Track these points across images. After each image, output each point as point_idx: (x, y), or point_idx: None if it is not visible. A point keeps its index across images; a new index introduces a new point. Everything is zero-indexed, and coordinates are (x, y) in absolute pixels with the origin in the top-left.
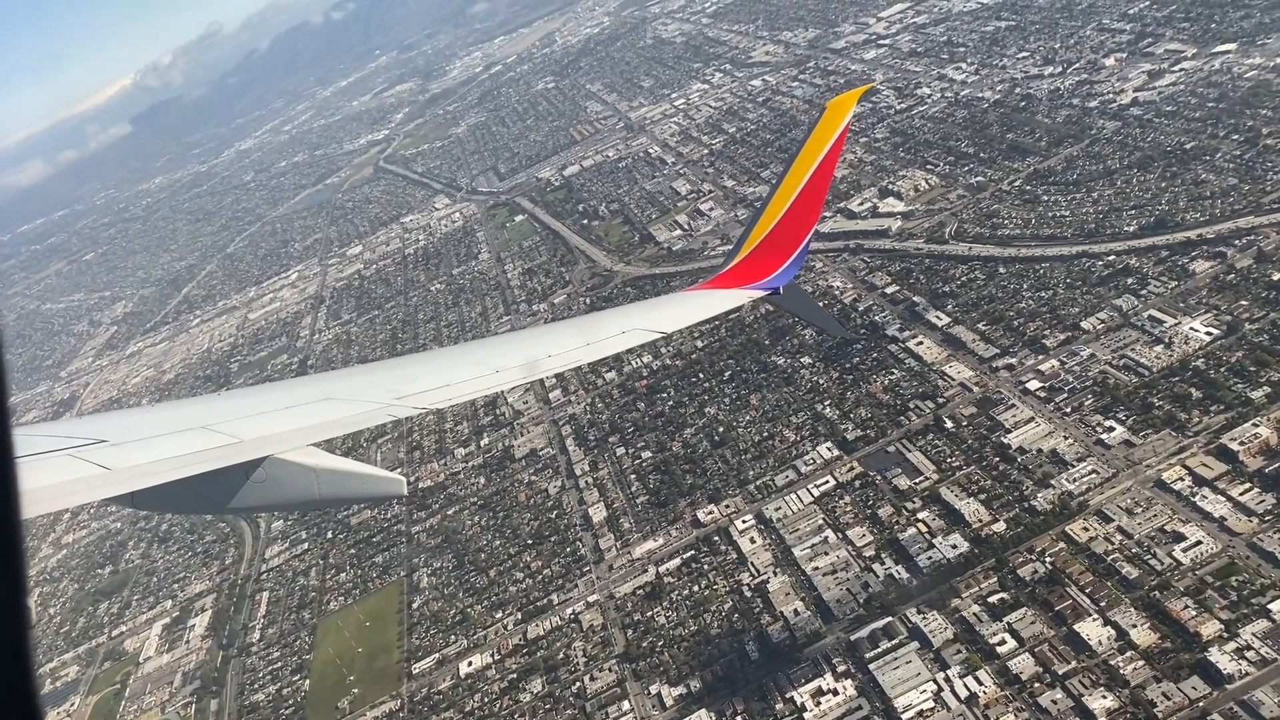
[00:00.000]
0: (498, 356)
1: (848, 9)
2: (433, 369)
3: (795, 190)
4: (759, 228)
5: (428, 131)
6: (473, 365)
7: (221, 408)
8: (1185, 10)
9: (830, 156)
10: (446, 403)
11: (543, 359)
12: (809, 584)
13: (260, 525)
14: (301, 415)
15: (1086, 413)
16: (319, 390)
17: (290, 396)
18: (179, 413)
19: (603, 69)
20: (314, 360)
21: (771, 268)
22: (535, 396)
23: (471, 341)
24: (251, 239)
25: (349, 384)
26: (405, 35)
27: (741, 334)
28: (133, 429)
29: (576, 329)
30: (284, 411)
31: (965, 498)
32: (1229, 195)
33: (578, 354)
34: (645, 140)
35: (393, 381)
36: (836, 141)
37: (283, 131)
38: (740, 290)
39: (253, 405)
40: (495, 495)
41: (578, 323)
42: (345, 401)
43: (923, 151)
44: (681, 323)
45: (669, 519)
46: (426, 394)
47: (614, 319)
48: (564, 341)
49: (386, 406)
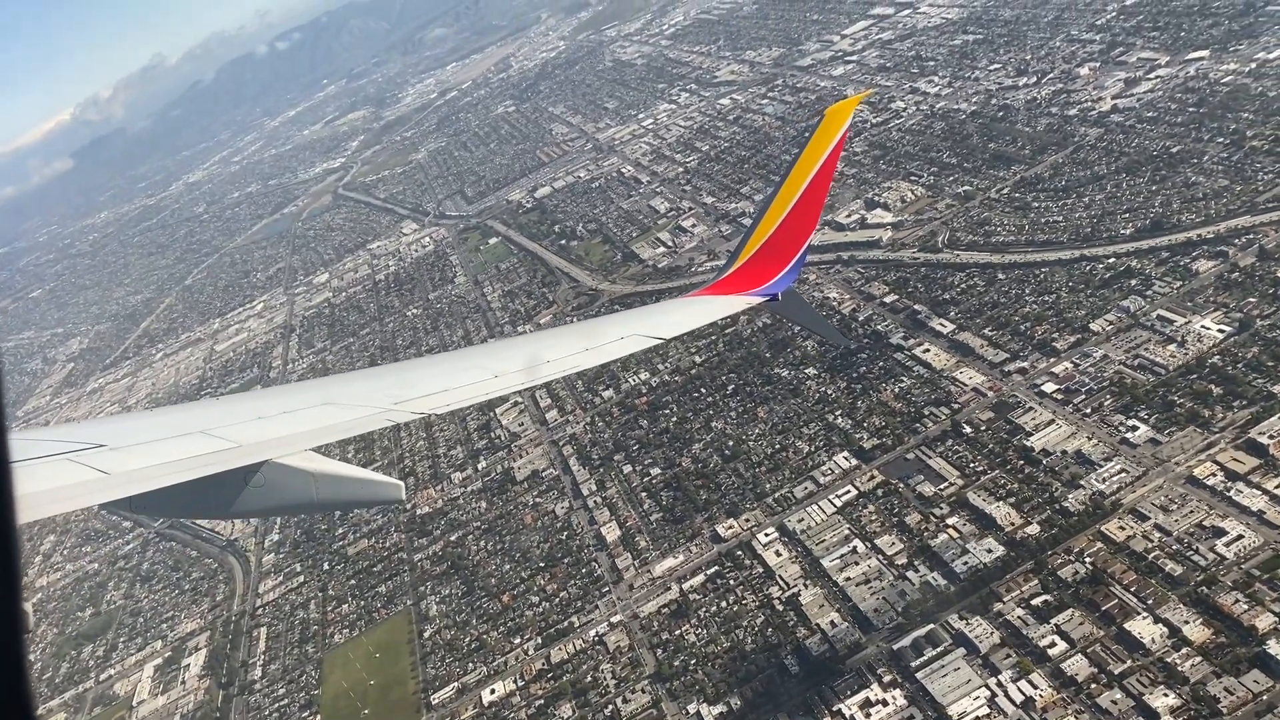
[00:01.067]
0: (496, 361)
1: (810, 28)
2: (431, 374)
3: (793, 197)
4: (757, 234)
5: (386, 158)
6: (471, 370)
7: (220, 412)
8: (1153, 20)
9: (828, 163)
10: (445, 408)
11: (542, 363)
12: (843, 595)
13: (250, 560)
14: (300, 420)
15: (1107, 413)
16: (317, 395)
17: (289, 401)
18: (177, 417)
19: (564, 91)
20: None
21: (769, 274)
22: (531, 418)
23: (469, 347)
24: (210, 270)
25: (347, 389)
26: (353, 64)
27: (740, 348)
28: (131, 433)
29: (575, 334)
30: (282, 416)
31: (994, 502)
32: (1222, 196)
33: (576, 359)
34: (617, 160)
35: (391, 386)
36: (835, 148)
37: (232, 163)
38: (739, 297)
39: (251, 410)
40: (499, 519)
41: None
42: (344, 406)
43: (904, 163)
44: (680, 328)
45: (687, 535)
46: (425, 399)
47: (612, 324)
48: (563, 346)
49: (385, 411)
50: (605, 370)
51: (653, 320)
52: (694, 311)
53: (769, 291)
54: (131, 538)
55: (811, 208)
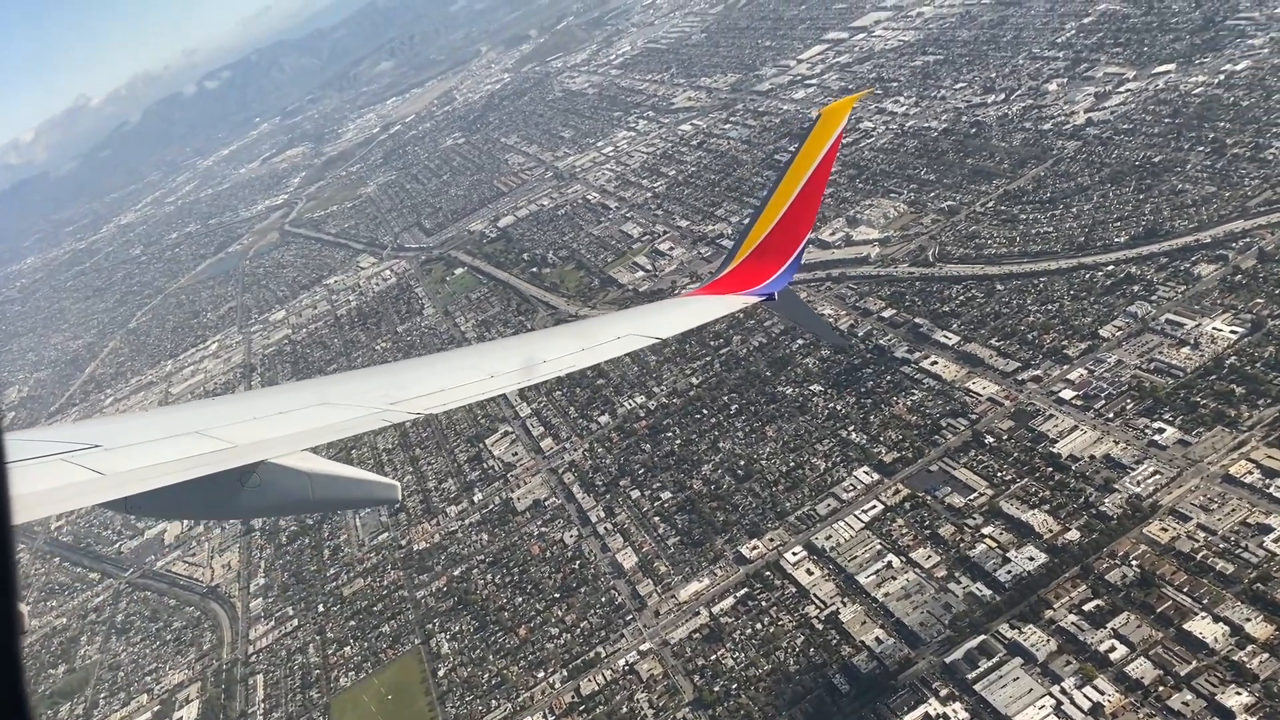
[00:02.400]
0: (492, 361)
1: (763, 54)
2: (427, 374)
3: (790, 196)
4: (754, 234)
5: (333, 193)
6: (467, 370)
7: (215, 413)
8: (1113, 37)
9: (825, 163)
10: (441, 408)
11: (538, 363)
12: (884, 610)
13: (236, 605)
14: (296, 420)
15: (1130, 416)
16: (313, 395)
17: (284, 402)
18: (173, 418)
19: (515, 122)
20: None
21: (766, 273)
22: (524, 447)
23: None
24: (155, 312)
25: (343, 389)
26: (286, 102)
27: (738, 367)
28: (127, 434)
29: (571, 333)
30: (278, 416)
31: (1028, 510)
32: (1211, 202)
33: (573, 358)
34: (580, 188)
35: (387, 387)
36: (831, 148)
37: (166, 203)
38: (735, 296)
39: (247, 410)
40: (504, 551)
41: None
42: (339, 406)
43: (881, 181)
44: (677, 328)
45: (709, 558)
46: (421, 399)
47: (609, 324)
48: (559, 346)
49: (381, 411)
50: (598, 395)
51: (649, 320)
52: (691, 311)
53: (766, 291)
54: (101, 589)
55: (808, 207)
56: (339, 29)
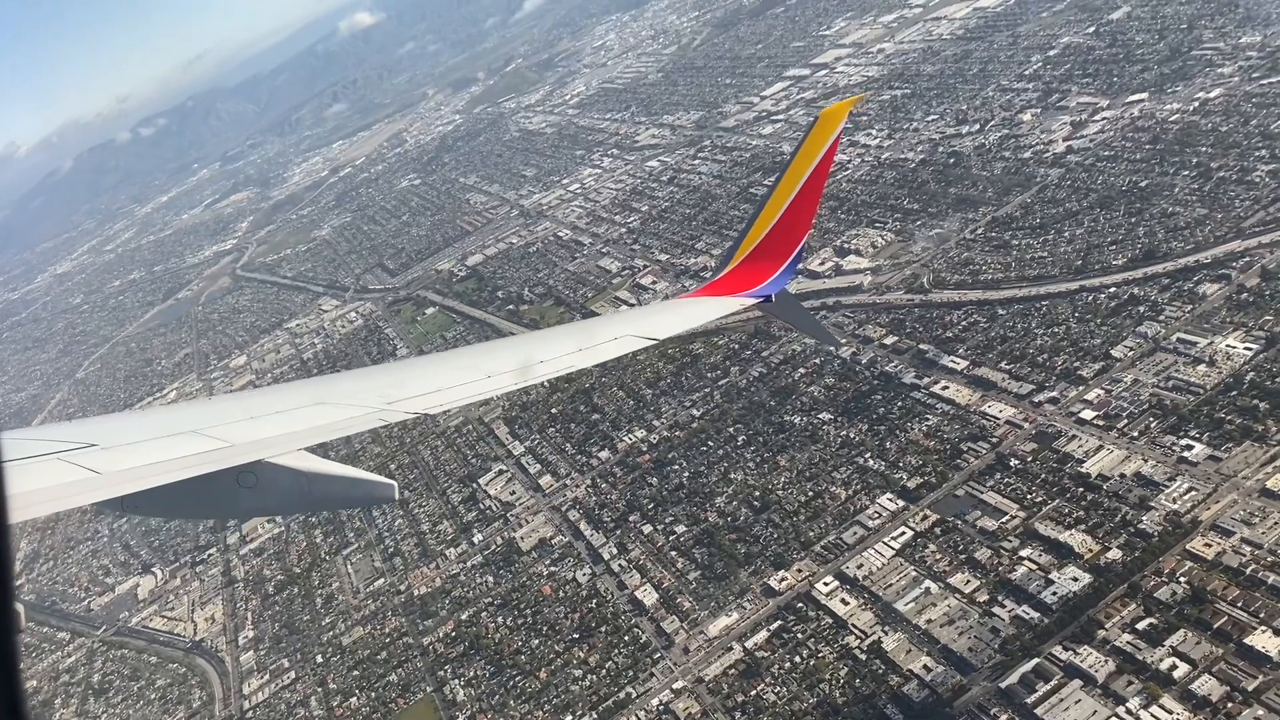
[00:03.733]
0: (489, 361)
1: (724, 91)
2: (423, 374)
3: (788, 199)
4: (751, 236)
5: (285, 237)
6: (464, 370)
7: (212, 412)
8: (1081, 68)
9: (822, 165)
10: (438, 408)
11: (535, 364)
12: (928, 637)
13: (225, 659)
14: (292, 420)
15: (1155, 434)
16: (310, 395)
17: (281, 401)
18: (169, 417)
19: (473, 162)
20: None
21: (764, 275)
22: (522, 485)
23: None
24: (104, 361)
25: (340, 389)
26: (225, 147)
27: (740, 398)
28: (123, 433)
29: (569, 334)
30: (275, 416)
31: (1065, 530)
32: (1204, 224)
33: (571, 359)
34: (550, 225)
35: (383, 386)
36: (829, 151)
37: (105, 251)
38: (733, 298)
39: (243, 410)
40: (513, 592)
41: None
42: (336, 406)
43: (864, 211)
44: (675, 329)
45: (735, 591)
46: (418, 399)
47: (606, 325)
48: (556, 346)
49: (378, 411)
50: (595, 430)
51: (647, 321)
52: (688, 313)
53: (763, 293)
54: (73, 649)
55: (806, 210)
56: (277, 75)
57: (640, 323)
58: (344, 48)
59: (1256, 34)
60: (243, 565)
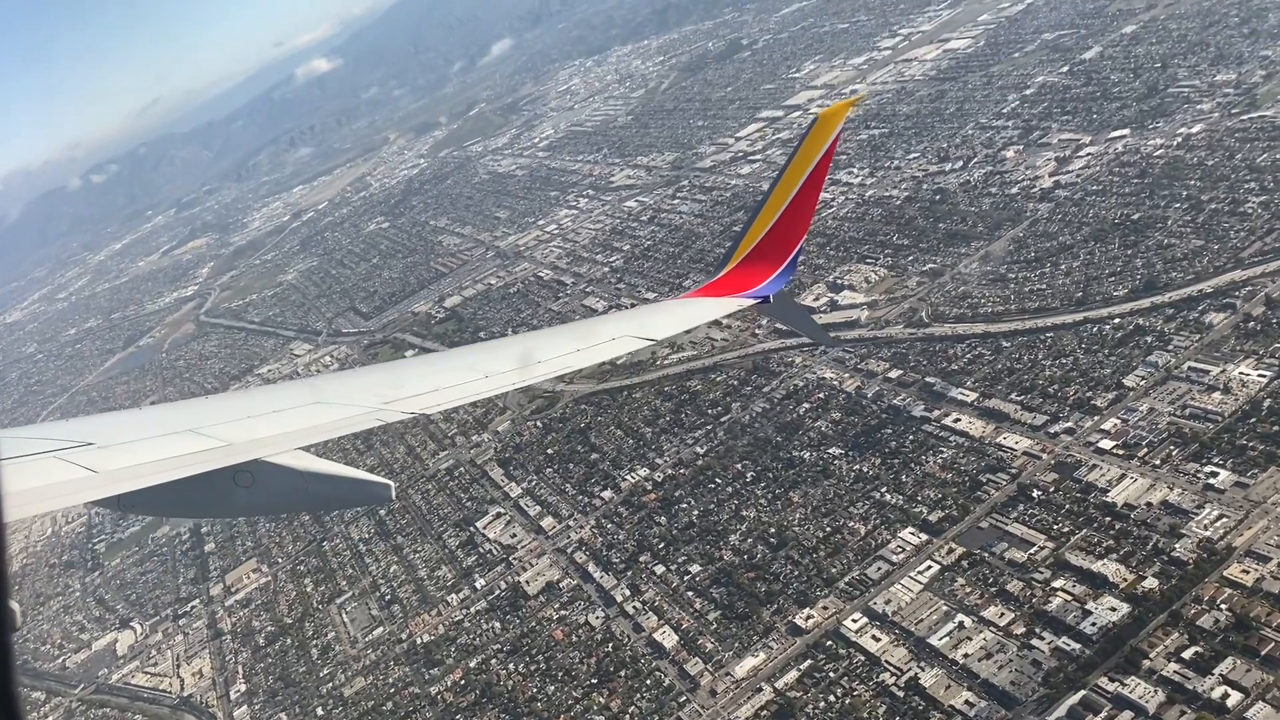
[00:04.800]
0: (488, 361)
1: (698, 133)
2: (422, 373)
3: (786, 200)
4: (749, 237)
5: (250, 282)
6: (462, 370)
7: (209, 411)
8: (1059, 106)
9: (821, 166)
10: (436, 408)
11: (534, 364)
12: (967, 672)
13: (218, 715)
14: (290, 419)
15: (1178, 462)
16: (307, 394)
17: (278, 400)
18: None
19: (442, 205)
20: (208, 527)
21: (762, 276)
22: (522, 527)
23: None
24: (63, 411)
25: (337, 388)
26: (180, 194)
27: (745, 434)
28: (119, 432)
29: (567, 334)
30: (272, 415)
31: (1096, 560)
32: (1202, 255)
33: (569, 359)
34: (529, 265)
35: (381, 386)
36: (827, 151)
37: (57, 299)
38: (731, 299)
39: (240, 408)
40: (522, 638)
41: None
42: (334, 405)
43: (853, 248)
44: (673, 329)
45: (759, 631)
46: (416, 398)
47: (605, 325)
48: (555, 347)
49: (375, 411)
50: (595, 470)
51: (645, 321)
52: (686, 313)
53: (761, 294)
54: (49, 709)
55: (804, 211)
56: (232, 121)
57: (638, 323)
58: (300, 94)
59: (1230, 72)
60: (229, 617)
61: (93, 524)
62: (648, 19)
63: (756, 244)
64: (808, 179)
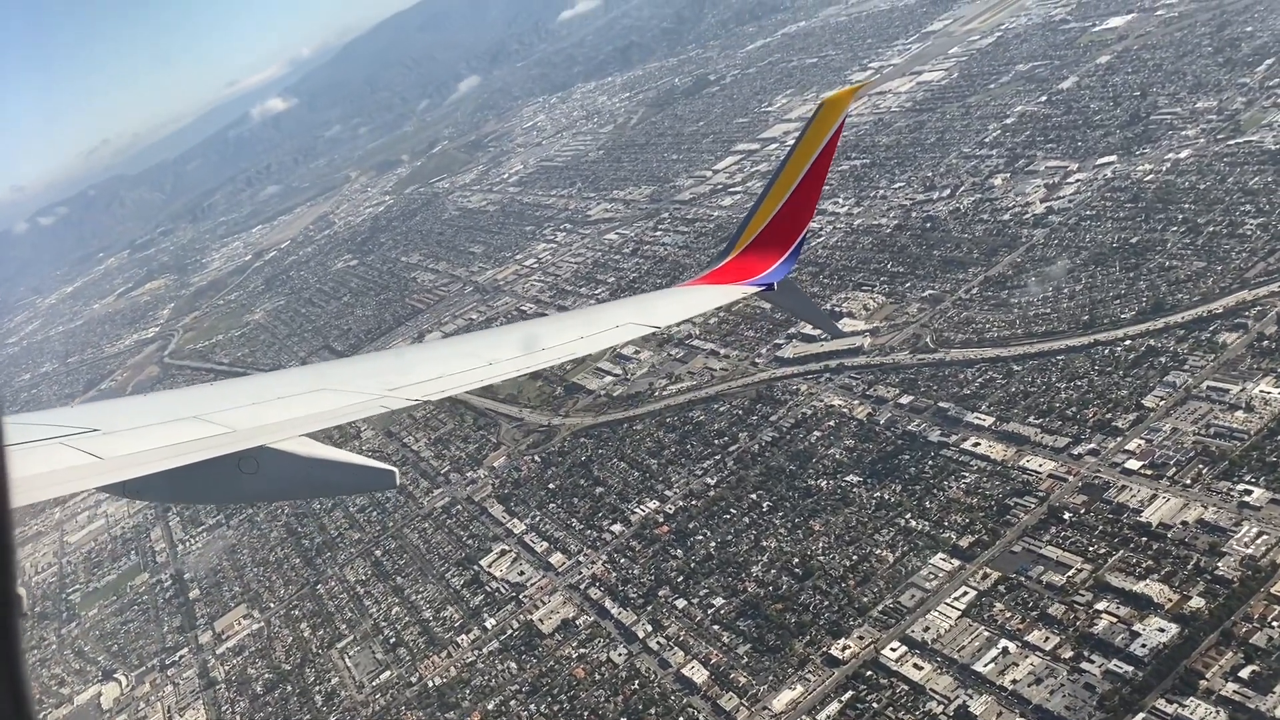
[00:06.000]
0: (492, 348)
1: (673, 166)
2: (425, 360)
3: (790, 187)
4: (753, 225)
5: (215, 322)
6: (466, 357)
7: (214, 397)
8: (1043, 134)
9: (825, 153)
10: (440, 394)
11: (537, 351)
12: (1018, 698)
13: None
14: (294, 406)
15: (1209, 480)
16: (312, 381)
17: (283, 387)
18: (171, 402)
19: (413, 241)
20: (191, 573)
21: (766, 264)
22: (531, 565)
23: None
24: None
25: (342, 375)
26: (133, 235)
27: (756, 464)
28: (125, 418)
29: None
30: (277, 402)
31: (1138, 581)
32: (1206, 276)
33: (573, 346)
34: (511, 299)
35: (386, 373)
36: (832, 139)
37: (8, 344)
38: (735, 286)
39: (245, 395)
40: (541, 678)
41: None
42: (338, 392)
43: (848, 276)
44: (677, 317)
45: (793, 663)
46: (420, 385)
47: (608, 312)
48: (558, 334)
49: (380, 398)
50: (601, 504)
51: (649, 309)
52: (690, 301)
53: (765, 281)
54: None
55: (808, 198)
56: (184, 161)
57: (642, 311)
58: (256, 133)
59: (1211, 99)
60: (222, 665)
61: (65, 573)
62: (610, 56)
63: (760, 232)
64: (811, 167)
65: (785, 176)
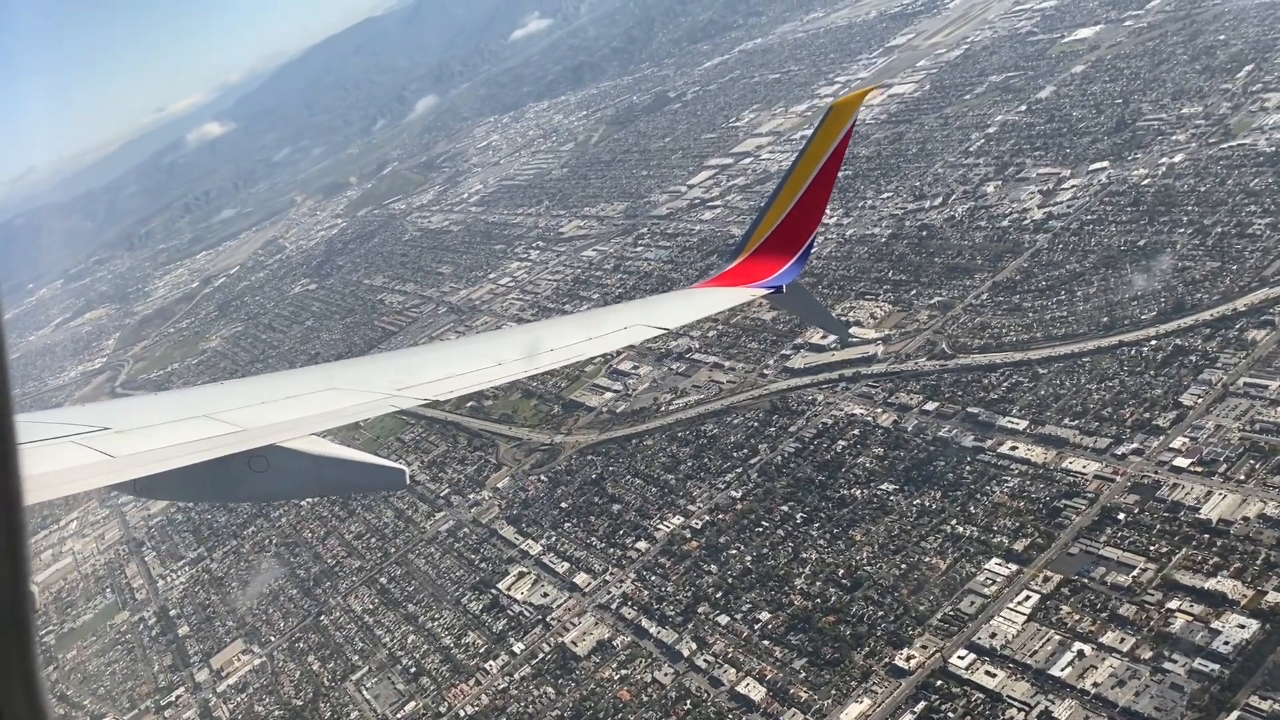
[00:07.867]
0: (500, 349)
1: (645, 182)
2: (435, 360)
3: (799, 190)
4: (762, 227)
5: (167, 350)
6: (475, 357)
7: (224, 396)
8: (1028, 142)
9: (835, 157)
10: (449, 394)
11: (544, 351)
12: (1102, 701)
13: None
14: (305, 405)
15: (1263, 475)
16: (322, 380)
17: (293, 386)
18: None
19: (374, 263)
20: (176, 609)
21: (775, 267)
22: (554, 586)
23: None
24: None
25: (352, 374)
26: (65, 265)
27: (783, 475)
28: (136, 417)
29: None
30: (287, 401)
31: (1209, 578)
32: (1222, 276)
33: (580, 347)
34: (489, 319)
35: (395, 372)
36: (841, 142)
37: None
38: (744, 289)
39: (256, 394)
40: (584, 701)
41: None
42: (348, 391)
43: (849, 285)
44: (685, 319)
45: (856, 676)
46: (430, 385)
47: (616, 314)
48: (566, 335)
49: (389, 397)
50: (621, 521)
51: (656, 311)
52: (699, 303)
53: (774, 284)
54: None
55: (817, 201)
56: (117, 188)
57: (650, 312)
58: (192, 159)
59: (1195, 105)
60: (224, 704)
61: (38, 616)
62: (560, 76)
63: (769, 235)
64: (821, 170)
65: (794, 180)
